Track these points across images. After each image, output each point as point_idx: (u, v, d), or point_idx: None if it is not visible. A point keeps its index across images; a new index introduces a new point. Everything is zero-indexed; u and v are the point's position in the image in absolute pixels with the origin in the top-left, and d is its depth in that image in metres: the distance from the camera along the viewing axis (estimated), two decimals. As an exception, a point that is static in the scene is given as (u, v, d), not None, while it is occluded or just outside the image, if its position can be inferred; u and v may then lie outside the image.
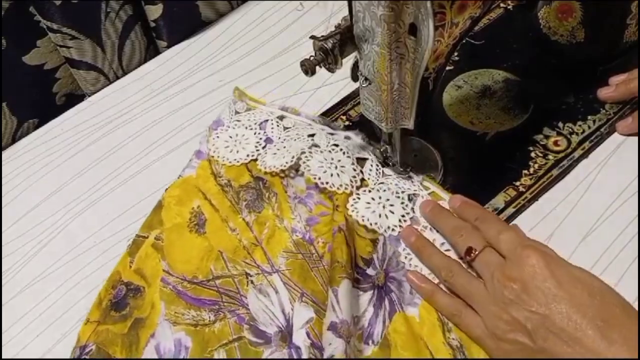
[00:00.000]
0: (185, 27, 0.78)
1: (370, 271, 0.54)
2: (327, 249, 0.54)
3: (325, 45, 0.49)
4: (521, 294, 0.45)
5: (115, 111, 0.71)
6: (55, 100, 0.74)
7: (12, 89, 0.69)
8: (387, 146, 0.58)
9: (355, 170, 0.59)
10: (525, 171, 0.59)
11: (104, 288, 0.55)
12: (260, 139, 0.64)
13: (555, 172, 0.59)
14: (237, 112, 0.67)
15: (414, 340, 0.50)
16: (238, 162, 0.62)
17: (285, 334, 0.51)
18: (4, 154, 0.70)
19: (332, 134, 0.63)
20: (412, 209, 0.57)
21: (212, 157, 0.63)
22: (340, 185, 0.58)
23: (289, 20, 0.78)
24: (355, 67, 0.52)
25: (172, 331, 0.52)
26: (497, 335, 0.47)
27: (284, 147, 0.62)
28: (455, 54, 0.61)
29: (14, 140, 0.71)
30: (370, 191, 0.58)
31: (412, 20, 0.45)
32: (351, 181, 0.58)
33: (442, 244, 0.55)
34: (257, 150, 0.63)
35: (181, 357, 0.51)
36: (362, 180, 0.59)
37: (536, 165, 0.60)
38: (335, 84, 0.69)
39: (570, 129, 0.62)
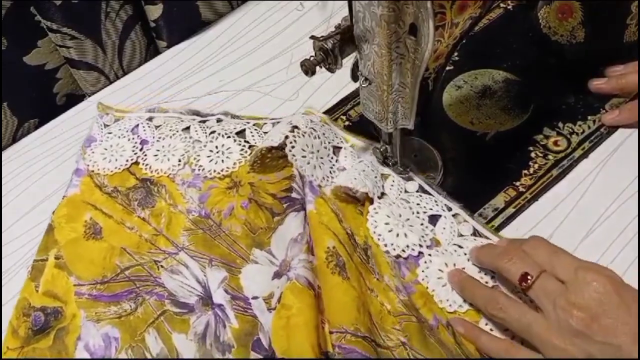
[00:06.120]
0: (185, 27, 0.78)
1: (294, 195, 0.57)
2: (223, 215, 0.58)
3: (325, 46, 0.49)
4: (591, 324, 0.41)
5: (115, 111, 0.71)
6: (56, 100, 0.74)
7: (13, 89, 0.69)
8: (387, 146, 0.58)
9: (240, 144, 0.63)
10: (525, 171, 0.59)
11: (14, 317, 0.54)
12: (136, 142, 0.65)
13: (555, 172, 0.59)
14: (106, 125, 0.67)
15: (320, 226, 0.55)
16: (119, 168, 0.63)
17: (206, 299, 0.54)
18: (4, 154, 0.70)
19: (204, 121, 0.66)
20: (433, 230, 0.56)
21: (92, 171, 0.63)
22: (234, 164, 0.62)
23: (289, 20, 0.78)
24: (355, 67, 0.52)
25: (97, 328, 0.53)
26: None
27: (162, 146, 0.64)
28: (455, 54, 0.61)
29: (14, 140, 0.71)
30: (390, 204, 0.57)
31: (413, 20, 0.45)
32: (241, 155, 0.62)
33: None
34: (135, 153, 0.64)
35: (112, 348, 0.52)
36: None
37: (536, 165, 0.60)
38: (335, 84, 0.69)
39: (570, 129, 0.62)
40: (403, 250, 0.54)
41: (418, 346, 0.49)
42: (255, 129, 0.65)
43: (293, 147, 0.58)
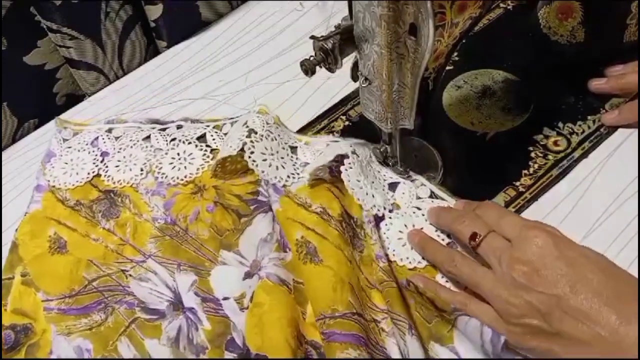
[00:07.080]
0: (185, 27, 0.78)
1: (261, 198, 0.58)
2: (189, 221, 0.58)
3: (325, 46, 0.49)
4: (532, 276, 0.44)
5: (115, 111, 0.71)
6: (56, 100, 0.74)
7: (13, 89, 0.69)
8: (387, 146, 0.58)
9: (201, 150, 0.64)
10: (525, 171, 0.59)
11: None
12: (96, 155, 0.65)
13: (555, 172, 0.59)
14: (65, 140, 0.67)
15: (287, 221, 0.56)
16: (81, 182, 0.63)
17: (177, 303, 0.54)
18: (4, 154, 0.70)
19: (164, 129, 0.66)
20: (393, 196, 0.58)
21: (54, 186, 0.63)
22: (197, 170, 0.62)
23: (289, 20, 0.78)
24: (355, 67, 0.52)
25: (68, 341, 0.53)
26: (510, 321, 0.46)
27: (124, 156, 0.64)
28: (455, 54, 0.61)
29: (14, 140, 0.71)
30: (361, 164, 0.59)
31: (413, 20, 0.45)
32: (204, 160, 0.63)
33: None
34: (96, 165, 0.64)
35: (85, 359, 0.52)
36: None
37: (536, 165, 0.60)
38: (335, 84, 0.69)
39: (570, 129, 0.62)
40: (371, 208, 0.56)
41: (399, 310, 0.50)
42: (216, 132, 0.65)
43: (252, 152, 0.59)
